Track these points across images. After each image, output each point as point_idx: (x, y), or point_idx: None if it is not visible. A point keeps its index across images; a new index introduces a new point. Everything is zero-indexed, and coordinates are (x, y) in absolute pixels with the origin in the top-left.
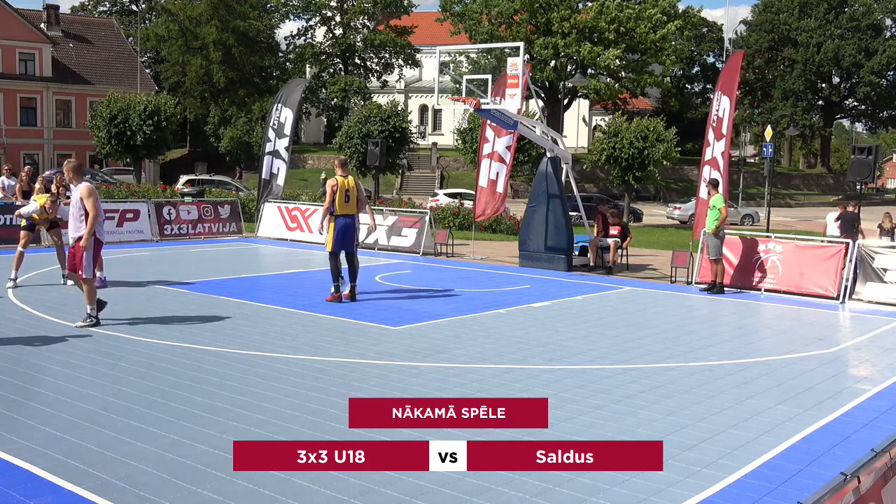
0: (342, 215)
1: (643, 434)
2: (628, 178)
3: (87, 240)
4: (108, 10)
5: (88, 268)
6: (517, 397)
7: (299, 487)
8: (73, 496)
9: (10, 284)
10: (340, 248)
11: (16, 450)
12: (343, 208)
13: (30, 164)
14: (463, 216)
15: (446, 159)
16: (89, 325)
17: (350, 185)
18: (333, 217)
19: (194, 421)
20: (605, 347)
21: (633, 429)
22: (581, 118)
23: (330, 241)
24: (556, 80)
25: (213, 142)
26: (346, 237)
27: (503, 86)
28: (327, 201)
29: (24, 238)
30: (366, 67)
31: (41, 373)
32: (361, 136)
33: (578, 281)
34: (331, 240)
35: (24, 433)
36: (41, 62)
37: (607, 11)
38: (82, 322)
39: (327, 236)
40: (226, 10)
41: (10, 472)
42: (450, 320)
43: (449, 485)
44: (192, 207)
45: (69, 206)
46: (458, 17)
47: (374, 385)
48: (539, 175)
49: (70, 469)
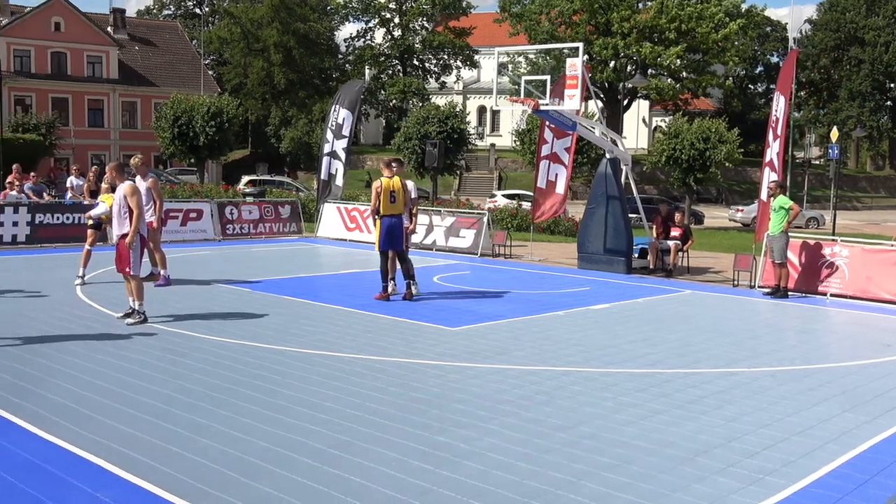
0: (388, 215)
1: (705, 440)
2: (689, 179)
3: (132, 237)
4: (173, 13)
5: (136, 264)
6: (575, 400)
7: (358, 486)
8: (138, 489)
9: (78, 282)
10: (388, 248)
11: (84, 443)
12: (388, 209)
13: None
14: (521, 217)
15: (504, 160)
16: (139, 322)
17: (395, 185)
18: (380, 217)
19: (255, 418)
20: (666, 351)
21: (694, 434)
22: (641, 119)
23: (377, 241)
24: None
25: (274, 143)
26: (393, 237)
27: (562, 87)
28: (373, 202)
29: (90, 237)
30: (424, 69)
31: (108, 368)
32: (420, 138)
33: (638, 284)
34: (378, 239)
35: (91, 427)
36: (108, 65)
37: (668, 10)
38: (132, 319)
39: (375, 236)
40: (287, 13)
41: (78, 464)
42: (508, 322)
43: (506, 486)
44: (253, 207)
45: None
46: (517, 18)
47: (433, 386)
48: (598, 176)
49: (135, 462)
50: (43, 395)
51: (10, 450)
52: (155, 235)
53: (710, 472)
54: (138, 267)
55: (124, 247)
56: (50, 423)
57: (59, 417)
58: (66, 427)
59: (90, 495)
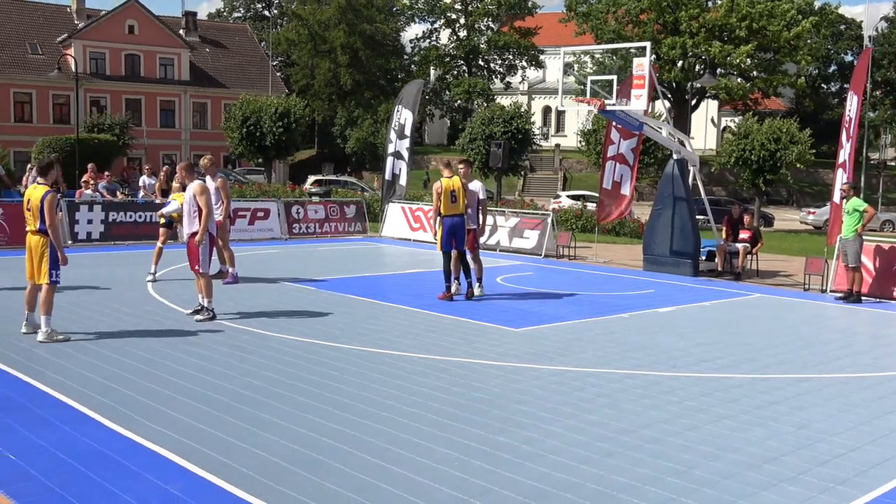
0: (449, 215)
1: (773, 447)
2: (759, 181)
3: (201, 236)
4: (243, 15)
5: (205, 262)
6: (639, 403)
7: (420, 485)
8: (205, 482)
9: (149, 278)
10: (450, 248)
11: (153, 436)
12: (449, 209)
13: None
14: (586, 218)
15: (569, 161)
16: (207, 319)
17: (455, 185)
18: (441, 217)
19: (319, 414)
20: (734, 356)
21: (762, 441)
22: (709, 119)
23: (439, 241)
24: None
25: (340, 143)
26: (455, 236)
27: (629, 86)
28: (434, 203)
29: (162, 235)
30: (489, 69)
31: (177, 363)
32: (484, 138)
33: (705, 287)
34: (440, 239)
35: (161, 420)
36: (180, 67)
37: (738, 9)
38: (201, 316)
39: (437, 236)
40: (353, 15)
41: (147, 456)
42: (571, 323)
43: (568, 489)
44: (319, 207)
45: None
46: (584, 18)
47: (494, 386)
48: (665, 177)
49: (203, 456)
50: (114, 388)
51: (82, 440)
52: (223, 234)
53: (779, 480)
54: (207, 265)
55: (194, 245)
56: (121, 416)
57: (130, 410)
58: (136, 419)
59: (159, 487)
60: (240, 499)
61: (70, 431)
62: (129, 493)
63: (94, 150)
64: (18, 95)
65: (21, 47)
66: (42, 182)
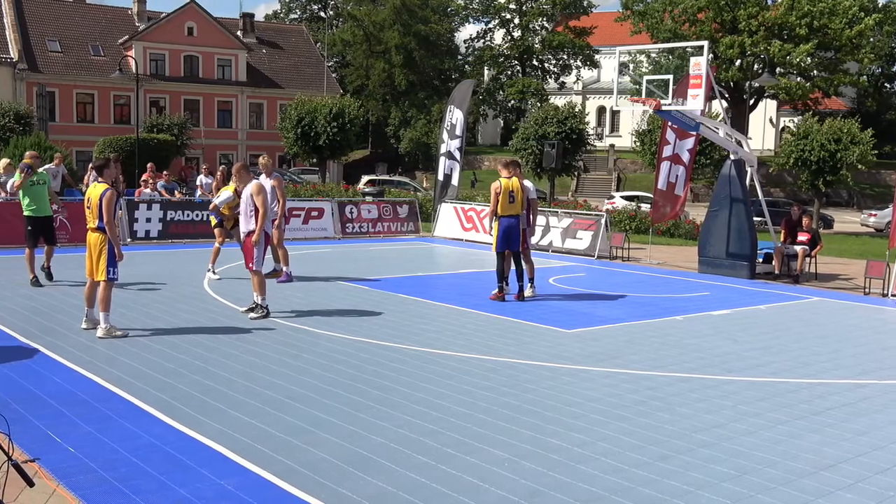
0: (506, 216)
1: (830, 454)
2: (818, 182)
3: (258, 235)
4: (299, 17)
5: (259, 261)
6: (693, 407)
7: (470, 485)
8: (259, 479)
9: (214, 276)
10: (505, 248)
11: (209, 432)
12: (507, 209)
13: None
14: (640, 219)
15: (623, 161)
16: (261, 317)
17: (514, 185)
18: (498, 218)
19: (371, 414)
20: (790, 360)
21: (818, 447)
22: (768, 119)
23: (495, 242)
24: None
25: (394, 143)
26: (510, 237)
27: (685, 86)
28: (492, 203)
29: (219, 235)
30: (543, 69)
31: (231, 360)
32: (538, 138)
33: (762, 289)
34: (496, 240)
35: (216, 417)
36: (237, 68)
37: (798, 6)
38: (255, 314)
39: (493, 237)
40: (408, 15)
41: (203, 452)
42: (624, 325)
43: (620, 492)
44: (372, 206)
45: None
46: (640, 17)
47: (545, 388)
48: (721, 178)
49: (256, 453)
50: (170, 384)
51: (139, 434)
52: (278, 233)
53: (836, 488)
54: (261, 263)
55: (250, 243)
56: (176, 411)
57: (185, 406)
58: (192, 415)
59: (213, 482)
60: (293, 495)
61: (128, 426)
62: (184, 487)
63: (154, 149)
64: (81, 96)
65: (84, 49)
66: (101, 181)
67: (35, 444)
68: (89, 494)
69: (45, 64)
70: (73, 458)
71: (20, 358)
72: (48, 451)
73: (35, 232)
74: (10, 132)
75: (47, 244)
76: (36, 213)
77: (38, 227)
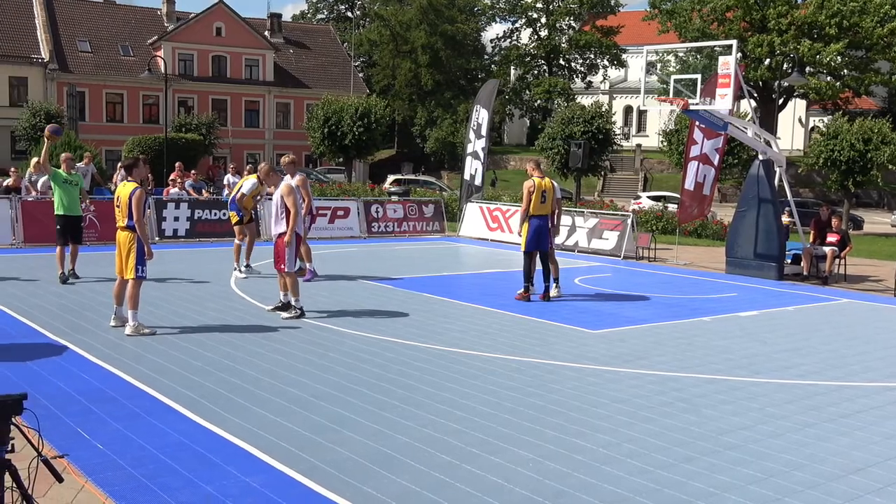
0: (536, 216)
1: (858, 457)
2: (848, 182)
3: (289, 236)
4: (326, 17)
5: (291, 262)
6: (720, 409)
7: (494, 485)
8: (284, 476)
9: (242, 275)
10: (535, 248)
11: (235, 430)
12: (538, 209)
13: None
14: (666, 220)
15: (650, 161)
16: (295, 317)
17: (546, 186)
18: (528, 217)
19: (396, 413)
20: (819, 362)
21: (847, 451)
22: (797, 119)
23: (524, 241)
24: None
25: (420, 142)
26: (540, 237)
27: (713, 86)
28: (524, 202)
29: (239, 233)
30: (570, 68)
31: (257, 358)
32: (564, 138)
33: (790, 291)
34: (525, 240)
35: (243, 415)
36: (264, 67)
37: (828, 5)
38: (288, 314)
39: (522, 236)
40: (435, 15)
41: (229, 450)
42: (650, 326)
43: (645, 493)
44: (398, 206)
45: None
46: (667, 16)
47: (570, 388)
48: (750, 178)
49: (282, 451)
50: (197, 382)
51: (166, 432)
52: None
53: (865, 492)
54: (293, 264)
55: (282, 244)
56: (203, 409)
57: (212, 403)
58: (218, 413)
59: (239, 479)
60: (318, 493)
61: (156, 423)
62: (211, 484)
63: (182, 149)
64: (110, 96)
65: (113, 49)
66: (130, 179)
67: (64, 441)
68: (118, 491)
69: (76, 64)
70: (101, 454)
71: (49, 355)
72: (77, 448)
73: (64, 231)
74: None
75: (73, 243)
76: (67, 213)
77: (67, 226)
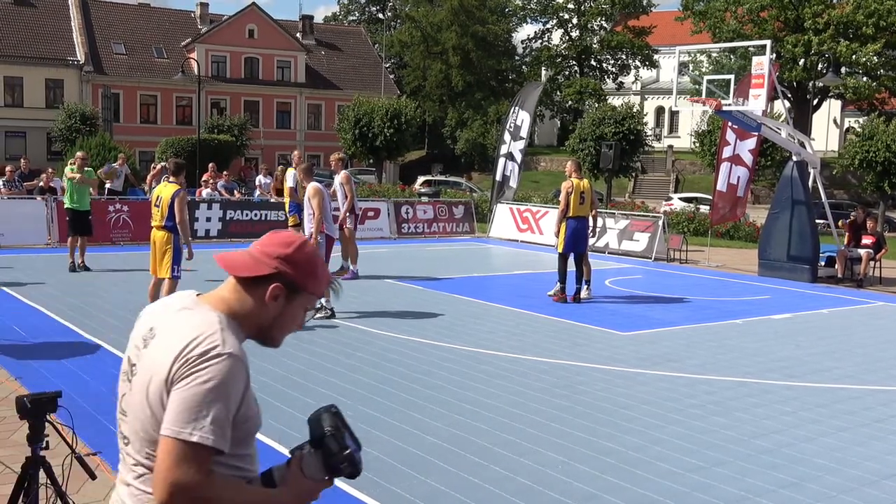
0: (575, 217)
1: (893, 462)
2: (884, 184)
3: (314, 238)
4: (357, 18)
5: None
6: (751, 412)
7: (523, 486)
8: None
9: None
10: (572, 250)
11: (265, 429)
12: (577, 210)
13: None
14: (698, 221)
15: (682, 162)
16: (326, 317)
17: (585, 187)
18: (566, 218)
19: (424, 413)
20: (853, 366)
21: (882, 455)
22: (832, 120)
23: (561, 243)
24: (805, 79)
25: (450, 144)
26: (578, 239)
27: (747, 86)
28: (563, 203)
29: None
30: (601, 69)
31: (288, 358)
32: (595, 139)
33: (824, 293)
34: (562, 241)
35: (272, 414)
36: (296, 69)
37: (866, 4)
38: (319, 314)
39: (559, 237)
40: (466, 16)
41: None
42: (682, 328)
43: (675, 497)
44: (428, 207)
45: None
46: (700, 16)
47: (599, 390)
48: (783, 180)
49: None
50: None
51: None
52: (348, 230)
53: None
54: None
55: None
56: None
57: None
58: None
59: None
60: (348, 494)
61: None
62: None
63: (214, 150)
64: (144, 98)
65: (147, 51)
66: (172, 181)
67: (98, 438)
68: None
69: (111, 66)
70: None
71: (84, 353)
72: (110, 445)
73: (74, 223)
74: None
75: (81, 235)
76: (76, 207)
77: (76, 220)
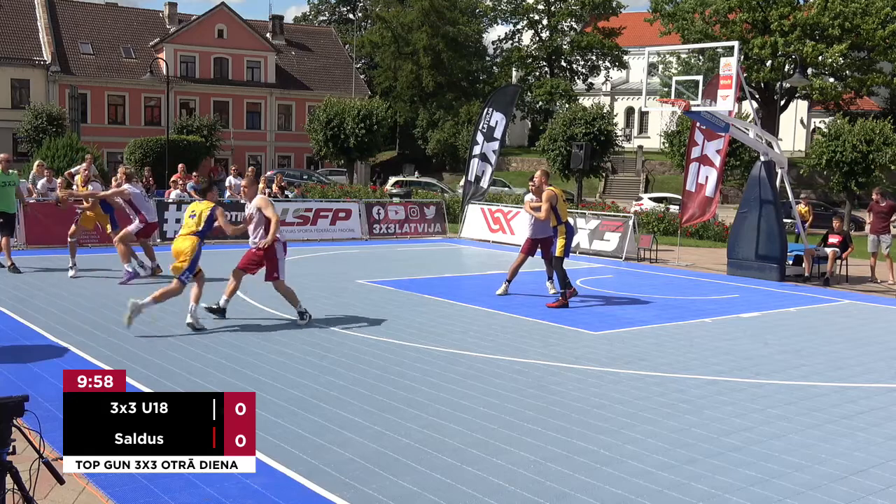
0: (565, 221)
1: (861, 458)
2: (850, 184)
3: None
4: (328, 19)
5: (281, 270)
6: (721, 410)
7: (496, 486)
8: (286, 479)
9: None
10: (569, 253)
11: None
12: (566, 214)
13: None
14: (668, 221)
15: (652, 163)
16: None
17: (559, 192)
18: (562, 224)
19: (397, 414)
20: (820, 363)
21: (849, 452)
22: (798, 120)
23: (561, 247)
24: (772, 80)
25: (421, 144)
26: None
27: (715, 87)
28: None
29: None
30: (572, 70)
31: (260, 361)
32: (566, 139)
33: (791, 292)
34: (562, 245)
35: None
36: (266, 69)
37: (832, 7)
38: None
39: (559, 242)
40: (436, 17)
41: None
42: (652, 327)
43: (647, 495)
44: (399, 208)
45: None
46: (669, 17)
47: (572, 389)
48: (751, 180)
49: (283, 452)
50: (199, 384)
51: None
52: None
53: (866, 493)
54: (283, 273)
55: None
56: None
57: None
58: None
59: (240, 481)
60: (318, 495)
61: None
62: (211, 486)
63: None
64: (112, 98)
65: (115, 51)
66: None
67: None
68: (118, 492)
69: (78, 66)
70: None
71: (51, 357)
72: None
73: (1, 226)
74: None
75: (4, 235)
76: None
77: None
